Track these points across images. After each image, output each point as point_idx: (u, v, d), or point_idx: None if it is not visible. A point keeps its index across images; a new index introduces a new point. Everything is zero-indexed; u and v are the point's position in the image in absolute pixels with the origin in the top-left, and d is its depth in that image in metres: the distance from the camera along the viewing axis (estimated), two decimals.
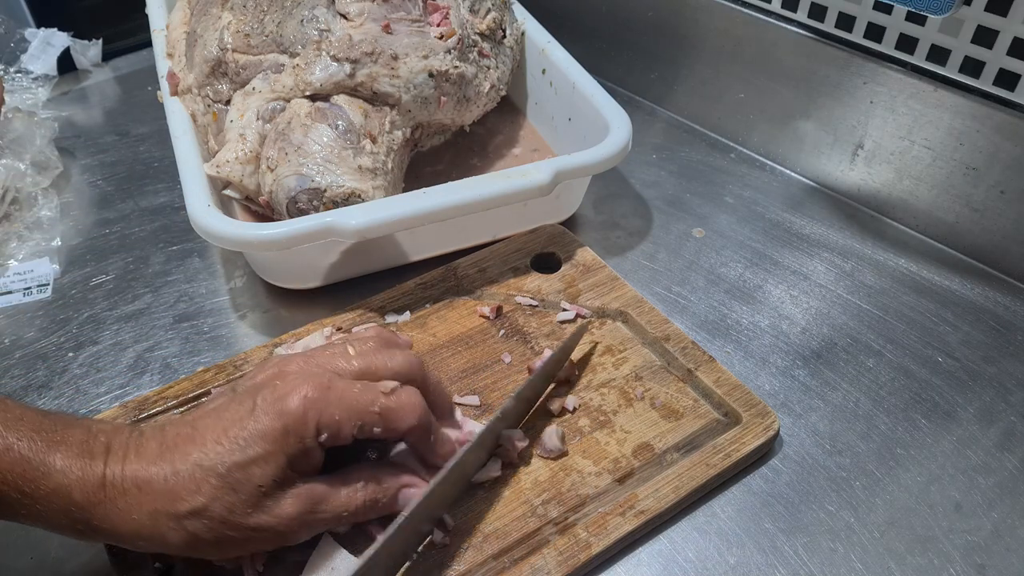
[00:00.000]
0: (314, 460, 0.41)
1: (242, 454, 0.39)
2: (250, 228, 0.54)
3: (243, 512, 0.39)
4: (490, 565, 0.45)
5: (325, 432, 0.40)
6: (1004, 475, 0.51)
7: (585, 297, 0.60)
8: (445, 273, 0.62)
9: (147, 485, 0.38)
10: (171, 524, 0.38)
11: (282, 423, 0.39)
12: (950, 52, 0.61)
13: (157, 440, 0.40)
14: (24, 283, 0.65)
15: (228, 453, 0.39)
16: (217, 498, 0.38)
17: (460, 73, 0.64)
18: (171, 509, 0.38)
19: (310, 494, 0.41)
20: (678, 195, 0.74)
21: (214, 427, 0.40)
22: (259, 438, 0.39)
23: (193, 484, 0.38)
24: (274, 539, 0.40)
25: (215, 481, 0.38)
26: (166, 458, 0.39)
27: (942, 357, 0.58)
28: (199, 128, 0.66)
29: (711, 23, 0.76)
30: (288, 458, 0.40)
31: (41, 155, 0.73)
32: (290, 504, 0.40)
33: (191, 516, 0.38)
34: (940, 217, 0.67)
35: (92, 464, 0.38)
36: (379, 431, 0.42)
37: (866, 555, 0.46)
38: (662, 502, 0.47)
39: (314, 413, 0.40)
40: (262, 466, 0.39)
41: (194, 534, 0.39)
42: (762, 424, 0.51)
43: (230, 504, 0.39)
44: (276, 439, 0.39)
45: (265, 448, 0.39)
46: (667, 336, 0.57)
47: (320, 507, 0.41)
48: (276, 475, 0.39)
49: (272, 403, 0.40)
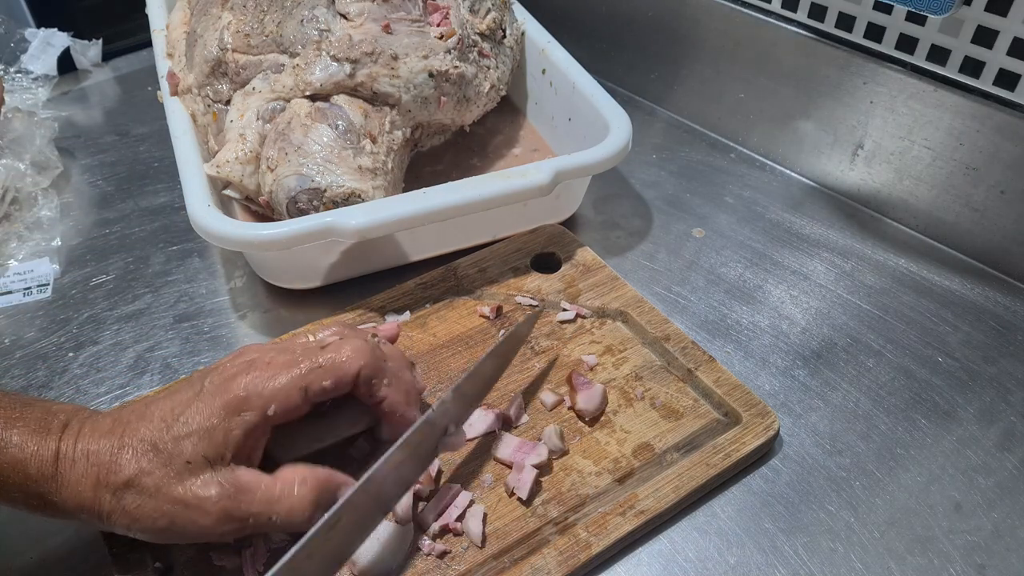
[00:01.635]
0: (255, 442, 0.41)
1: (181, 428, 0.40)
2: (250, 228, 0.54)
3: (168, 487, 0.39)
4: (490, 565, 0.45)
5: (273, 404, 0.40)
6: (1004, 475, 0.51)
7: (585, 297, 0.60)
8: (445, 273, 0.62)
9: (95, 456, 0.39)
10: (107, 496, 0.39)
11: (222, 400, 0.40)
12: (950, 52, 0.61)
13: (112, 417, 0.41)
14: (24, 283, 0.65)
15: (168, 429, 0.40)
16: (149, 471, 0.39)
17: (460, 73, 0.64)
18: (111, 480, 0.39)
19: (236, 480, 0.40)
20: (678, 195, 0.74)
21: (163, 406, 0.41)
22: (198, 415, 0.40)
23: (133, 456, 0.39)
24: (197, 527, 0.40)
25: (152, 454, 0.39)
26: (116, 432, 0.40)
27: (942, 357, 0.58)
28: (199, 128, 0.66)
29: (711, 23, 0.76)
30: (225, 435, 0.40)
31: (41, 155, 0.73)
32: (214, 486, 0.39)
33: (125, 487, 0.39)
34: (940, 217, 0.67)
35: (48, 439, 0.40)
36: (329, 384, 0.42)
37: (866, 555, 0.46)
38: (662, 502, 0.47)
39: (256, 388, 0.41)
40: (195, 441, 0.39)
41: (124, 508, 0.39)
42: (762, 424, 0.51)
43: (159, 478, 0.39)
44: (215, 415, 0.40)
45: (201, 424, 0.40)
46: (667, 336, 0.57)
47: (245, 497, 0.40)
48: (206, 451, 0.39)
49: (218, 384, 0.41)
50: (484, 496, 0.48)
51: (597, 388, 0.52)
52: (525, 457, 0.48)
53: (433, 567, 0.45)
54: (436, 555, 0.45)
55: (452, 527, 0.46)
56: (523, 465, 0.48)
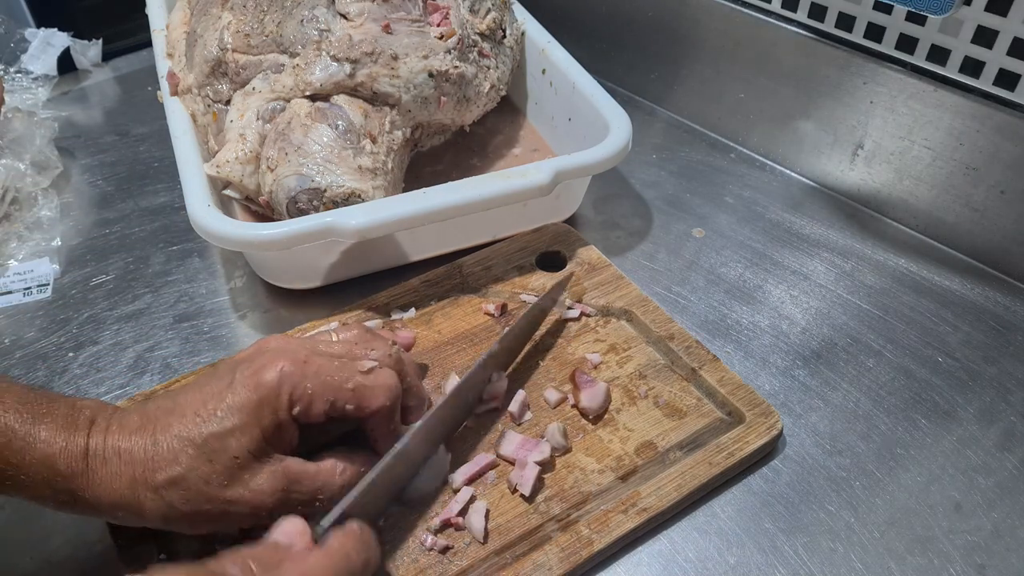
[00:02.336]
0: (288, 436, 0.42)
1: (219, 425, 0.40)
2: (250, 228, 0.54)
3: (219, 483, 0.40)
4: (492, 561, 0.45)
5: (297, 405, 0.41)
6: (1004, 475, 0.51)
7: (590, 296, 0.60)
8: (450, 271, 0.62)
9: (128, 455, 0.39)
10: (149, 494, 0.39)
11: (258, 395, 0.40)
12: (950, 52, 0.61)
13: (139, 413, 0.41)
14: (24, 283, 0.65)
15: (205, 424, 0.40)
16: (194, 468, 0.39)
17: (460, 73, 0.64)
18: (150, 478, 0.39)
19: (286, 471, 0.41)
20: (678, 195, 0.74)
21: (194, 400, 0.41)
22: (236, 410, 0.40)
23: (171, 454, 0.39)
24: (248, 515, 0.41)
25: (192, 451, 0.39)
26: (147, 429, 0.40)
27: (942, 357, 0.58)
28: (199, 128, 0.66)
29: (711, 23, 0.76)
30: (263, 431, 0.40)
31: (41, 155, 0.73)
32: (265, 479, 0.40)
33: (168, 486, 0.39)
34: (940, 217, 0.67)
35: (76, 435, 0.40)
36: (351, 408, 0.42)
37: (866, 555, 0.46)
38: (664, 500, 0.47)
39: (288, 386, 0.41)
40: (238, 437, 0.40)
41: (170, 504, 0.39)
42: (765, 424, 0.51)
43: (206, 474, 0.39)
44: (251, 411, 0.40)
45: (241, 419, 0.40)
46: (671, 335, 0.57)
47: (296, 485, 0.41)
48: (251, 447, 0.40)
49: (249, 376, 0.41)
50: (486, 492, 0.48)
51: (600, 386, 0.52)
52: (528, 454, 0.49)
53: (435, 562, 0.45)
54: (438, 550, 0.45)
55: (454, 522, 0.46)
56: (526, 462, 0.48)
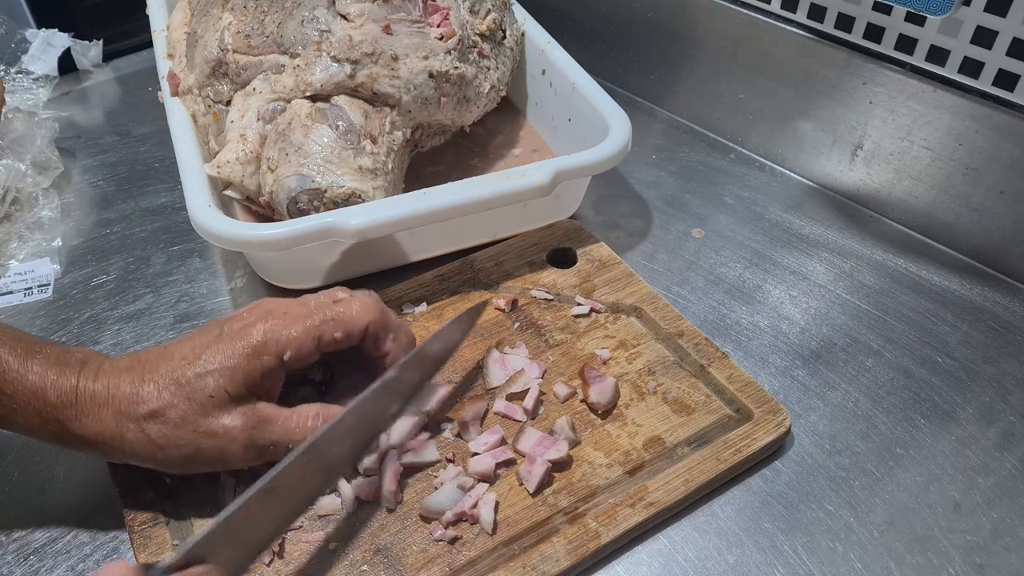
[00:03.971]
0: (272, 383, 0.45)
1: (202, 367, 0.43)
2: (250, 228, 0.54)
3: (194, 419, 0.43)
4: (500, 552, 0.45)
5: (288, 350, 0.44)
6: (1003, 475, 0.51)
7: (600, 292, 0.61)
8: (462, 266, 0.63)
9: (116, 389, 0.43)
10: (131, 426, 0.43)
11: (242, 344, 0.44)
12: (949, 52, 0.61)
13: (130, 358, 0.45)
14: (25, 283, 0.65)
15: (191, 367, 0.43)
16: (174, 404, 0.43)
17: (460, 74, 0.64)
18: (134, 411, 0.43)
19: (258, 412, 0.44)
20: (678, 195, 0.74)
21: (183, 348, 0.44)
22: (220, 355, 0.44)
23: (155, 390, 0.43)
24: (218, 456, 0.44)
25: (174, 388, 0.43)
26: (136, 370, 0.44)
27: (941, 357, 0.58)
28: (200, 128, 0.66)
29: (711, 24, 0.76)
30: (245, 376, 0.44)
31: (42, 155, 0.73)
32: (236, 416, 0.44)
33: (149, 418, 0.43)
34: (939, 217, 0.67)
35: (67, 372, 0.43)
36: (340, 335, 0.46)
37: (865, 555, 0.47)
38: (672, 495, 0.47)
39: (272, 337, 0.44)
40: (216, 377, 0.43)
41: (149, 436, 0.43)
42: (773, 421, 0.51)
43: (184, 411, 0.43)
44: (236, 357, 0.43)
45: (223, 363, 0.43)
46: (680, 332, 0.57)
47: (267, 427, 0.44)
48: (228, 387, 0.43)
49: (237, 330, 0.44)
50: (496, 484, 0.48)
51: (609, 382, 0.52)
52: (544, 452, 0.49)
53: (444, 552, 0.45)
54: (447, 541, 0.46)
55: (470, 514, 0.46)
56: (535, 459, 0.48)
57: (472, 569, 0.44)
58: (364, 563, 0.45)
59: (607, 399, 0.52)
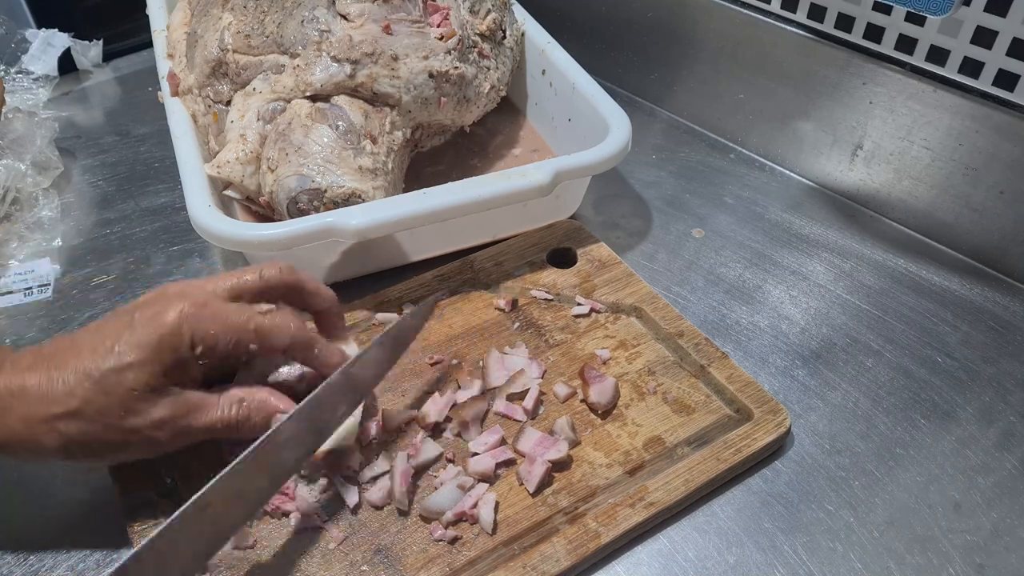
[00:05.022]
0: (191, 372, 0.43)
1: (117, 360, 0.41)
2: (250, 228, 0.54)
3: (116, 414, 0.41)
4: (500, 552, 0.45)
5: (200, 345, 0.42)
6: (1003, 475, 0.51)
7: (600, 292, 0.61)
8: (462, 266, 0.63)
9: (21, 392, 0.41)
10: (44, 428, 0.41)
11: (158, 334, 0.42)
12: (949, 53, 0.61)
13: (33, 353, 0.42)
14: (25, 283, 0.65)
15: (103, 360, 0.41)
16: (90, 400, 0.40)
17: (460, 74, 0.64)
18: (45, 412, 0.40)
19: (183, 401, 0.43)
20: (678, 195, 0.74)
21: (92, 339, 0.42)
22: (135, 346, 0.41)
23: (67, 388, 0.41)
24: (146, 443, 0.43)
25: (88, 384, 0.41)
26: (41, 367, 0.41)
27: (941, 357, 0.58)
28: (200, 128, 0.66)
29: (710, 24, 0.76)
30: (163, 367, 0.42)
31: (42, 155, 0.73)
32: (162, 408, 0.42)
33: (65, 418, 0.41)
34: (939, 217, 0.67)
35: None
36: (256, 348, 0.44)
37: (865, 554, 0.47)
38: (672, 495, 0.47)
39: (188, 327, 0.42)
40: (135, 371, 0.41)
41: (68, 435, 0.41)
42: (773, 421, 0.51)
43: (103, 406, 0.41)
44: (151, 348, 0.41)
45: (139, 356, 0.41)
46: (680, 332, 0.57)
47: (192, 414, 0.43)
48: (149, 380, 0.41)
49: (150, 317, 0.42)
50: (496, 484, 0.48)
51: (609, 382, 0.52)
52: (544, 452, 0.49)
53: (444, 552, 0.45)
54: (447, 541, 0.46)
55: (470, 514, 0.46)
56: (535, 458, 0.48)
57: (472, 569, 0.44)
58: (364, 563, 0.45)
59: (607, 399, 0.52)
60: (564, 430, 0.50)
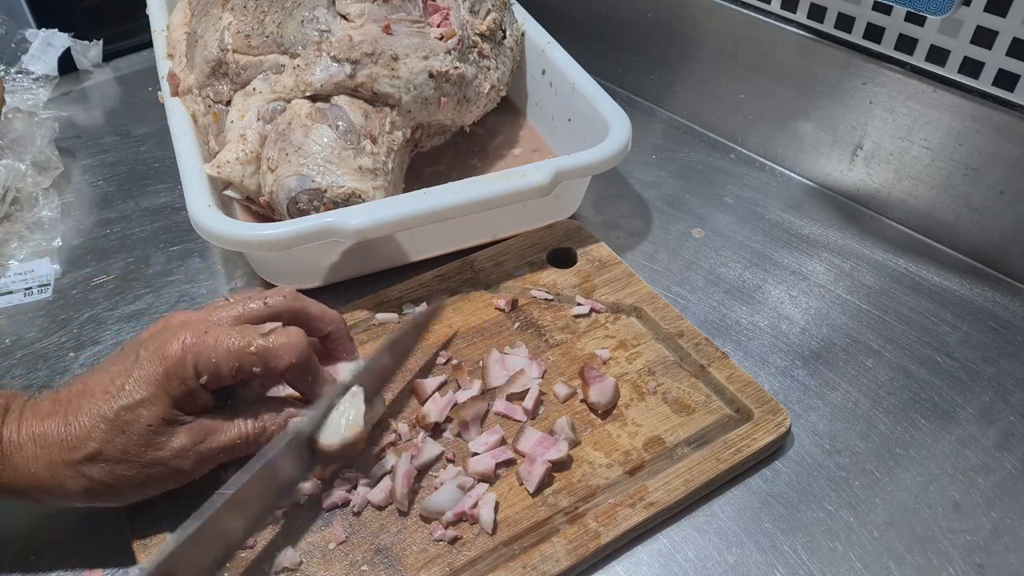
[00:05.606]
0: (200, 401, 0.44)
1: (128, 398, 0.42)
2: (250, 228, 0.54)
3: (136, 451, 0.42)
4: (500, 552, 0.45)
5: (205, 374, 0.43)
6: (1003, 475, 0.51)
7: (600, 292, 0.61)
8: (462, 266, 0.63)
9: (42, 438, 0.41)
10: (68, 472, 0.41)
11: (164, 367, 0.42)
12: (949, 53, 0.61)
13: (50, 399, 0.43)
14: (25, 283, 0.65)
15: (115, 399, 0.42)
16: (109, 440, 0.41)
17: (460, 74, 0.64)
18: (67, 457, 0.41)
19: (200, 427, 0.44)
20: (678, 195, 0.74)
21: (101, 379, 0.43)
22: (143, 382, 0.42)
23: (84, 432, 0.41)
24: (171, 475, 0.43)
25: (105, 426, 0.41)
26: (59, 412, 0.42)
27: (941, 357, 0.58)
28: (200, 128, 0.66)
29: (710, 24, 0.76)
30: (173, 399, 0.42)
31: (42, 155, 0.73)
32: (181, 437, 0.43)
33: (87, 461, 0.41)
34: (939, 217, 0.67)
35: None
36: (259, 371, 0.44)
37: (865, 554, 0.47)
38: (672, 495, 0.47)
39: (192, 357, 0.43)
40: (148, 407, 0.42)
41: (92, 478, 0.42)
42: (773, 421, 0.51)
43: (122, 445, 0.42)
44: (159, 382, 0.42)
45: (149, 391, 0.42)
46: (680, 332, 0.57)
47: (211, 439, 0.44)
48: (163, 414, 0.42)
49: (154, 351, 0.43)
50: (496, 484, 0.48)
51: (609, 382, 0.52)
52: (544, 452, 0.49)
53: (444, 552, 0.45)
54: (447, 541, 0.46)
55: (470, 514, 0.46)
56: (535, 459, 0.48)
57: (472, 569, 0.44)
58: (364, 563, 0.45)
59: (607, 399, 0.52)
60: (564, 430, 0.50)
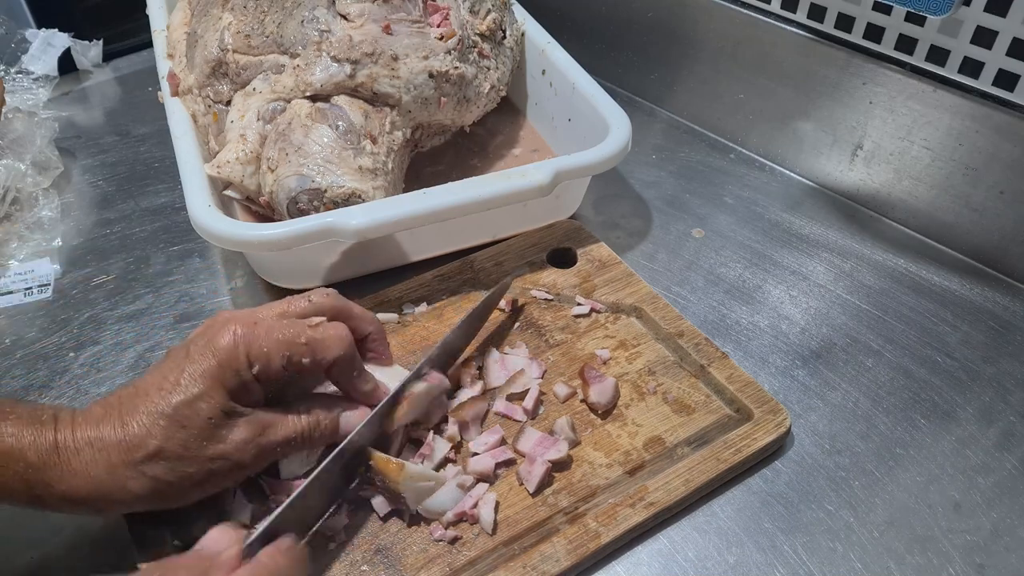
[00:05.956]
0: (254, 394, 0.44)
1: (185, 393, 0.41)
2: (250, 228, 0.54)
3: (198, 445, 0.41)
4: (500, 552, 0.45)
5: (256, 364, 0.43)
6: (1003, 475, 0.51)
7: (600, 292, 0.61)
8: (462, 266, 0.63)
9: (99, 442, 0.41)
10: (130, 473, 0.41)
11: (217, 360, 0.42)
12: (949, 53, 0.61)
13: (102, 405, 0.43)
14: (25, 283, 0.65)
15: (171, 395, 0.41)
16: (170, 437, 0.41)
17: (460, 74, 0.64)
18: (127, 458, 0.40)
19: (258, 420, 0.43)
20: (678, 195, 0.74)
21: (154, 379, 0.42)
22: (198, 376, 0.42)
23: (144, 431, 0.41)
24: (232, 469, 0.43)
25: (164, 423, 0.41)
26: (113, 415, 0.41)
27: (941, 357, 0.58)
28: (200, 128, 0.66)
29: (710, 24, 0.76)
30: (228, 391, 0.42)
31: (42, 155, 0.73)
32: (242, 429, 0.43)
33: (149, 460, 0.41)
34: (939, 217, 0.67)
35: (43, 430, 0.41)
36: (308, 362, 0.44)
37: (865, 554, 0.47)
38: (672, 495, 0.47)
39: (244, 347, 0.43)
40: (207, 400, 0.42)
41: (155, 478, 0.41)
42: (773, 421, 0.51)
43: (183, 440, 0.41)
44: (214, 374, 0.42)
45: (205, 384, 0.42)
46: (681, 332, 0.57)
47: (270, 431, 0.44)
48: (222, 406, 0.42)
49: (205, 345, 0.43)
50: (496, 484, 0.49)
51: (609, 382, 0.53)
52: (544, 452, 0.49)
53: (444, 552, 0.45)
54: (447, 541, 0.46)
55: (470, 514, 0.46)
56: (535, 458, 0.48)
57: (472, 569, 0.44)
58: (364, 563, 0.45)
59: (607, 399, 0.52)
60: (564, 430, 0.50)
